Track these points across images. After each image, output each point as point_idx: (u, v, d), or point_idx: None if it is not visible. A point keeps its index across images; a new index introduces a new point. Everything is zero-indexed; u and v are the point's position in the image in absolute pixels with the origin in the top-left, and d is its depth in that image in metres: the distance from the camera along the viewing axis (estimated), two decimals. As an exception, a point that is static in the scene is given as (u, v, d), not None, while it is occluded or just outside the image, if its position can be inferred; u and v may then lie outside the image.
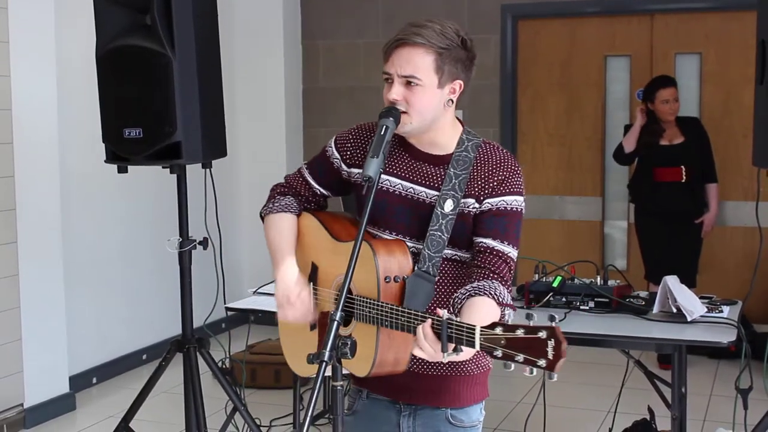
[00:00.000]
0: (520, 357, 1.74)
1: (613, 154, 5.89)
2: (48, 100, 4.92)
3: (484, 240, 2.17)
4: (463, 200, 2.18)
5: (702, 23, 6.39)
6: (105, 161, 3.64)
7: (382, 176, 2.24)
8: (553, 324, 1.73)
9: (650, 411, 4.13)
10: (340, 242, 2.26)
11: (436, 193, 2.20)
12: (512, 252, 2.18)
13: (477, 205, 2.19)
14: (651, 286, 5.65)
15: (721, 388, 5.29)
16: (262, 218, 2.43)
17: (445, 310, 1.89)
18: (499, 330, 1.76)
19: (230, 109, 4.07)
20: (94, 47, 3.54)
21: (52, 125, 4.95)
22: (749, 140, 3.47)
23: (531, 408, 4.06)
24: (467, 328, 1.81)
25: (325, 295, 2.29)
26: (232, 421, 3.88)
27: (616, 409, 4.13)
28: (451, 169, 2.19)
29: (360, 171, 2.24)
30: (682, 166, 5.66)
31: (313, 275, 2.35)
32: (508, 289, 2.15)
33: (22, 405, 4.83)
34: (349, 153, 2.32)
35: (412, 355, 2.06)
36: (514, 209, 2.19)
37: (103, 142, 3.59)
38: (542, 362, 1.71)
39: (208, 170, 3.65)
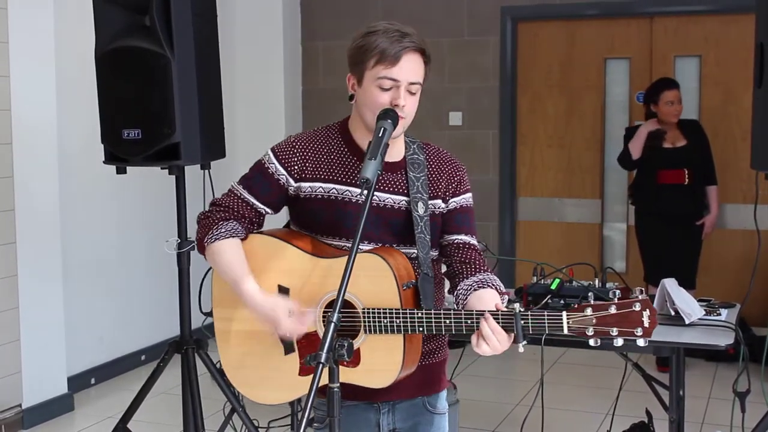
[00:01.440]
0: (614, 330, 1.96)
1: (619, 158, 5.87)
2: (47, 101, 4.92)
3: (458, 236, 2.28)
4: (430, 202, 2.25)
5: (701, 26, 6.39)
6: (104, 162, 3.64)
7: (342, 187, 2.22)
8: (641, 297, 1.96)
9: (648, 414, 4.13)
10: (322, 258, 2.19)
11: (401, 198, 2.23)
12: (478, 245, 2.32)
13: (443, 205, 2.28)
14: (650, 288, 5.66)
15: (719, 391, 5.29)
16: (203, 249, 2.29)
17: (517, 303, 2.03)
18: (588, 311, 1.98)
19: (229, 110, 4.06)
20: (93, 48, 3.54)
21: (51, 126, 4.95)
22: (748, 143, 3.47)
23: (529, 410, 4.06)
24: (550, 316, 1.97)
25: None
26: (230, 422, 3.87)
27: (614, 412, 4.13)
28: (410, 173, 2.24)
29: (311, 184, 2.23)
30: (685, 169, 5.68)
31: None
32: None
33: (20, 405, 4.83)
34: (297, 167, 2.24)
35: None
36: (471, 205, 2.34)
37: (102, 143, 3.58)
38: (639, 331, 1.95)
39: (206, 171, 3.65)
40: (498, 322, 1.99)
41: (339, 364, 1.91)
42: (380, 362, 2.10)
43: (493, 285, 2.18)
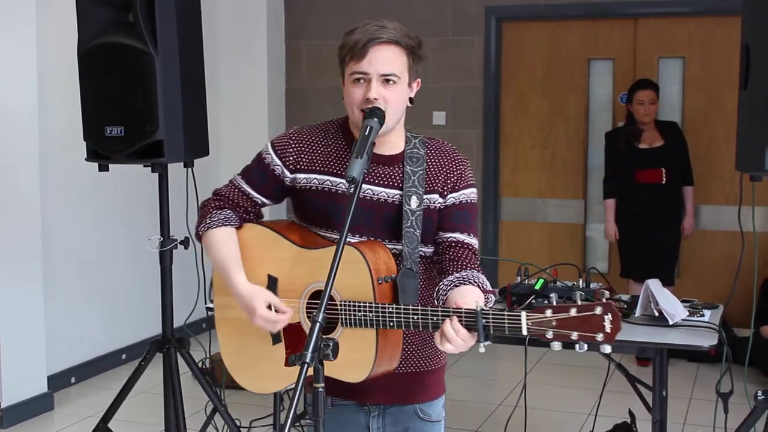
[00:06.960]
0: (575, 335, 1.83)
1: (604, 180, 6.02)
2: (28, 98, 4.88)
3: (452, 234, 2.25)
4: (426, 196, 2.23)
5: (685, 28, 6.42)
6: (86, 159, 3.61)
7: (335, 179, 2.24)
8: (605, 300, 1.83)
9: (631, 414, 4.14)
10: (309, 249, 2.22)
11: (396, 191, 2.22)
12: (476, 243, 2.28)
13: (441, 200, 2.25)
14: (629, 284, 5.76)
15: (701, 391, 5.31)
16: (200, 237, 2.36)
17: (479, 301, 1.97)
18: (549, 312, 1.86)
19: (213, 108, 4.05)
20: (75, 44, 3.51)
21: (33, 123, 4.91)
22: (731, 144, 3.48)
23: (512, 410, 4.06)
24: (510, 316, 1.89)
25: (291, 307, 2.22)
26: (212, 421, 3.86)
27: (596, 412, 4.14)
28: (407, 167, 2.23)
29: (307, 176, 2.26)
30: (662, 169, 5.74)
31: (271, 287, 2.27)
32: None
33: (-1, 405, 4.80)
34: (292, 158, 2.28)
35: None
36: (473, 201, 2.29)
37: (84, 140, 3.55)
38: (600, 336, 1.82)
39: (190, 169, 3.63)
40: (461, 321, 1.94)
41: (323, 364, 1.90)
42: (354, 356, 2.09)
43: (476, 282, 2.14)
